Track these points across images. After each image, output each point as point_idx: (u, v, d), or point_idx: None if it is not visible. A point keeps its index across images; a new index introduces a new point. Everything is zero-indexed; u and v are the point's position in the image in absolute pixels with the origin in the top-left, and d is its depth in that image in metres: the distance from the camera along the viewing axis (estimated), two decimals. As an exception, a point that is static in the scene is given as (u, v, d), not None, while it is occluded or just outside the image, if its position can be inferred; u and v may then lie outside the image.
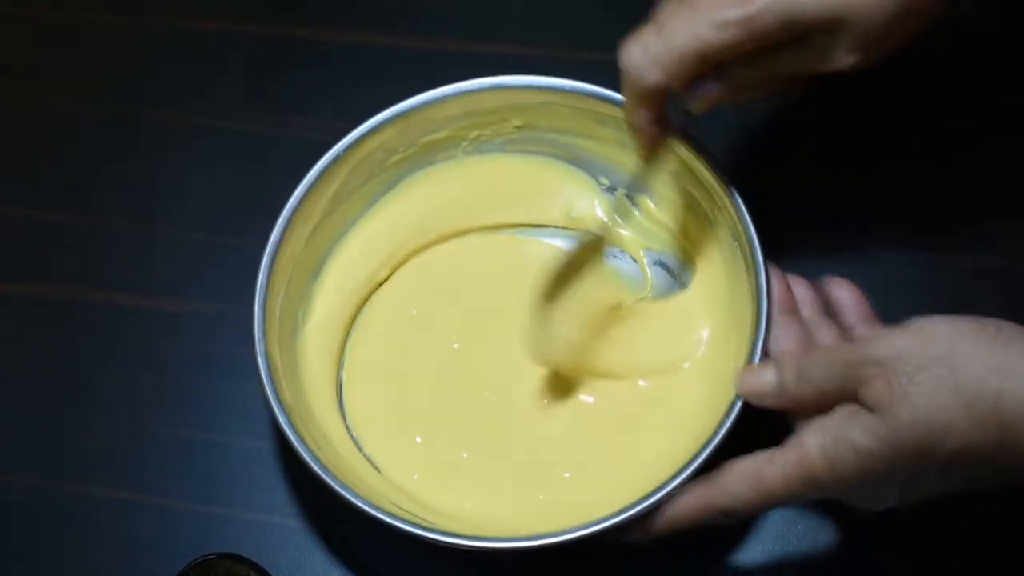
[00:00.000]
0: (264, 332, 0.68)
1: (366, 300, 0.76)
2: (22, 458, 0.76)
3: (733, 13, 0.61)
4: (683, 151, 0.71)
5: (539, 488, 0.70)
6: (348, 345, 0.74)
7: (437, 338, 0.74)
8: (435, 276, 0.76)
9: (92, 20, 0.89)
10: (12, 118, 0.87)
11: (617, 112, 0.72)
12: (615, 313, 0.73)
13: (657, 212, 0.76)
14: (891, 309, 0.75)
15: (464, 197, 0.77)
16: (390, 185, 0.76)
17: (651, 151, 0.68)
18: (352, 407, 0.73)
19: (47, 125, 0.86)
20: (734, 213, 0.68)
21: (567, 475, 0.70)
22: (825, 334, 0.65)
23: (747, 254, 0.68)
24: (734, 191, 0.69)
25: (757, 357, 0.64)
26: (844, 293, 0.67)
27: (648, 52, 0.62)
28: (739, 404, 0.63)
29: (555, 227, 0.77)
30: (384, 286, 0.76)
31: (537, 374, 0.72)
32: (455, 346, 0.74)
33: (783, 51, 0.63)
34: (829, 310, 0.66)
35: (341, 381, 0.73)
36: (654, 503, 0.62)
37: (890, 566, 0.69)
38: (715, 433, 0.63)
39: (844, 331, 0.65)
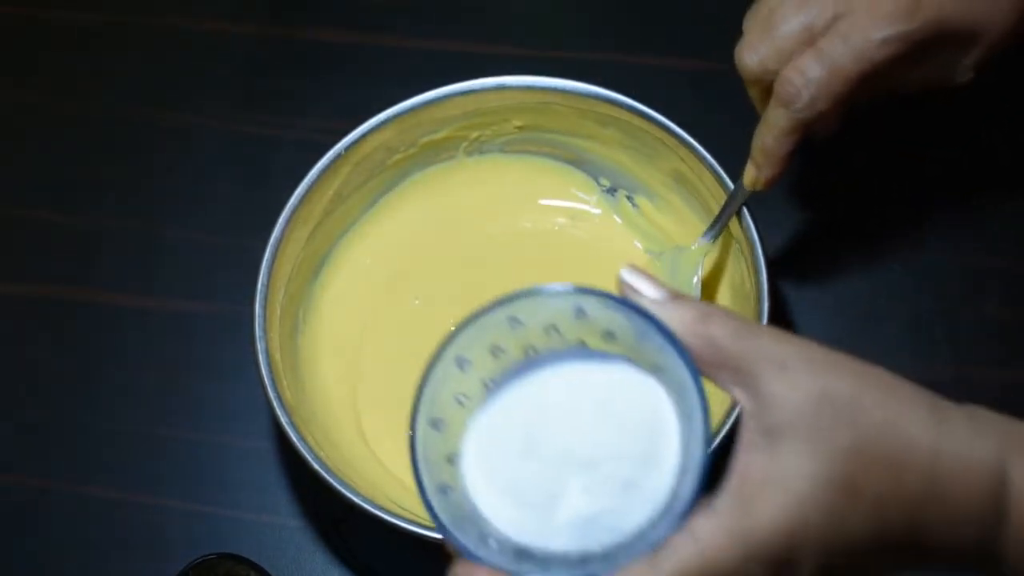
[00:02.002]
0: (264, 332, 0.68)
1: (370, 297, 0.76)
2: (22, 458, 0.76)
3: (897, 29, 0.61)
4: (685, 155, 0.71)
5: None
6: (355, 344, 0.74)
7: (436, 328, 0.74)
8: (437, 266, 0.76)
9: (92, 20, 0.89)
10: (12, 118, 0.87)
11: (618, 113, 0.72)
12: None
13: (657, 213, 0.76)
14: (892, 310, 0.75)
15: (464, 197, 0.77)
16: (390, 185, 0.76)
17: (772, 180, 0.66)
18: (362, 406, 0.73)
19: (47, 125, 0.86)
20: (735, 215, 0.69)
21: None
22: None
23: (748, 255, 0.68)
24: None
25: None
26: None
27: (814, 79, 0.62)
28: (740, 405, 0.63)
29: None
30: (387, 282, 0.76)
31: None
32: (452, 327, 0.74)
33: (909, 69, 0.63)
34: None
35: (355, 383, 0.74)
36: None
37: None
38: (715, 434, 0.63)
39: None
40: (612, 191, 0.77)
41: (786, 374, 0.46)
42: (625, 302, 0.49)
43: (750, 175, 0.67)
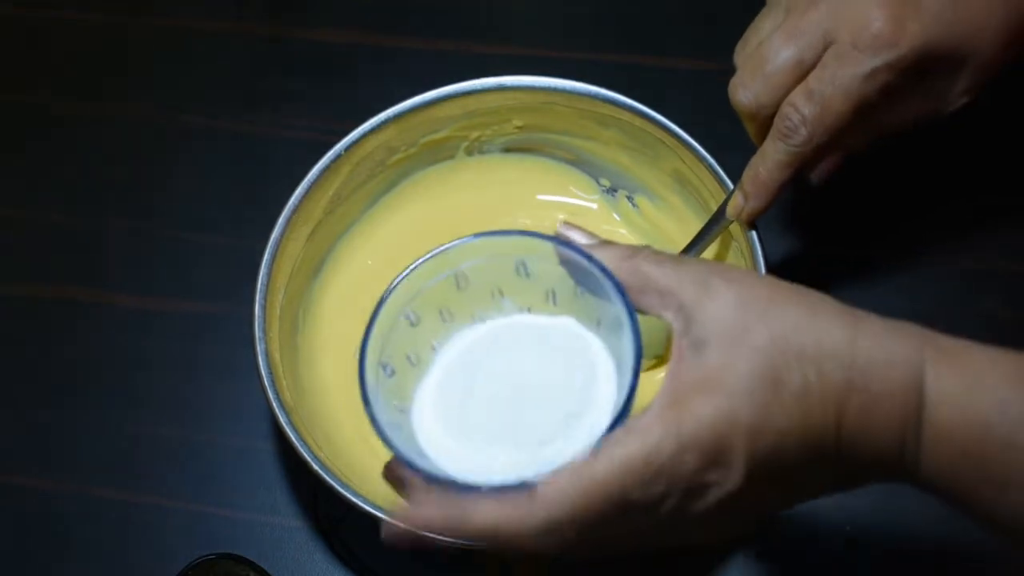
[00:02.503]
0: (264, 332, 0.68)
1: (370, 297, 0.75)
2: (22, 458, 0.76)
3: (883, 58, 0.61)
4: (685, 155, 0.71)
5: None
6: (355, 344, 0.74)
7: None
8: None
9: (92, 20, 0.89)
10: (12, 119, 0.87)
11: (618, 113, 0.72)
12: None
13: (657, 213, 0.76)
14: (893, 310, 0.75)
15: (464, 197, 0.77)
16: (391, 185, 0.76)
17: (757, 213, 0.66)
18: (362, 407, 0.72)
19: (47, 125, 0.86)
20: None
21: None
22: None
23: (747, 255, 0.68)
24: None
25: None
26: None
27: (809, 117, 0.62)
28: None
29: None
30: (387, 282, 0.76)
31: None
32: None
33: (900, 100, 0.63)
34: None
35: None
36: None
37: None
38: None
39: None
40: (612, 191, 0.77)
41: (707, 290, 0.50)
42: (562, 242, 0.53)
43: (735, 205, 0.67)
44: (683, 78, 0.82)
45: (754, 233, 0.68)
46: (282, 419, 0.66)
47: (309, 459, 0.64)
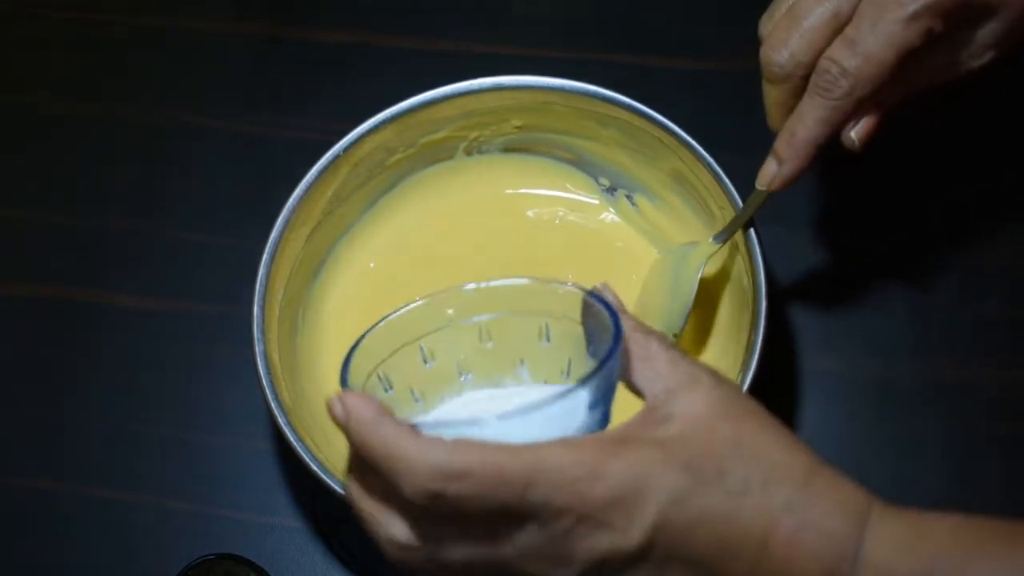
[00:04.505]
0: (264, 333, 0.68)
1: (370, 297, 0.76)
2: (22, 458, 0.76)
3: (922, 1, 0.60)
4: (684, 155, 0.71)
5: None
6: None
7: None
8: (438, 266, 0.76)
9: (91, 20, 0.89)
10: (12, 119, 0.87)
11: (617, 113, 0.72)
12: None
13: (656, 213, 0.76)
14: (892, 309, 0.75)
15: (464, 198, 0.77)
16: (390, 186, 0.76)
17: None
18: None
19: (47, 125, 0.86)
20: (734, 214, 0.69)
21: None
22: None
23: (745, 254, 0.68)
24: (734, 193, 0.69)
25: (755, 357, 0.64)
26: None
27: (851, 69, 0.61)
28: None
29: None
30: (387, 282, 0.76)
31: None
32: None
33: (929, 54, 0.63)
34: None
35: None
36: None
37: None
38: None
39: None
40: (611, 191, 0.77)
41: (695, 382, 0.50)
42: (586, 290, 0.53)
43: (767, 172, 0.65)
44: (683, 78, 0.82)
45: (754, 235, 0.67)
46: (280, 420, 0.66)
47: (308, 460, 0.65)
